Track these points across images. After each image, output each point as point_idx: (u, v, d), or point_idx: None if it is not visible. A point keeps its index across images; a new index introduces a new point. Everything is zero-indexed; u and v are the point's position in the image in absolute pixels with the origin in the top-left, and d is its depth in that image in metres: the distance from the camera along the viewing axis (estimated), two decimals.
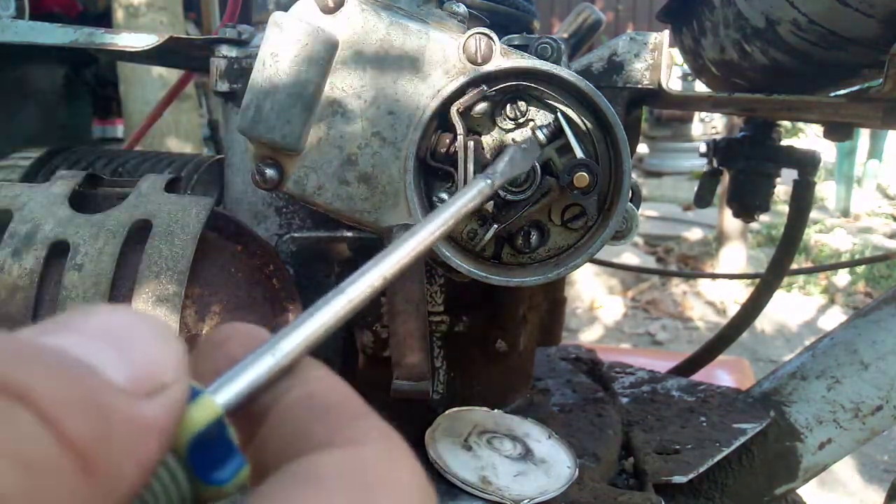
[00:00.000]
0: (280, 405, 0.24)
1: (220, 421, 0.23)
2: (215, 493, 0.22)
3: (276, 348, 0.25)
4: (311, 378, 0.25)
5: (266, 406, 0.25)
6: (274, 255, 0.68)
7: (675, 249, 5.14)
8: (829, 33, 0.66)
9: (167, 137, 3.22)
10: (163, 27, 3.15)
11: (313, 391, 0.25)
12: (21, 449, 0.16)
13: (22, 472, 0.16)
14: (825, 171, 6.74)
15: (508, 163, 0.52)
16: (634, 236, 0.59)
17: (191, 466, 0.22)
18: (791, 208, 1.12)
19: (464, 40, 0.55)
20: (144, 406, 0.20)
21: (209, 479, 0.22)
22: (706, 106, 1.21)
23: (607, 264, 1.69)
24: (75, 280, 0.57)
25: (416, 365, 0.58)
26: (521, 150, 0.54)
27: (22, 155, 0.82)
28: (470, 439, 0.73)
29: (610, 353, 1.31)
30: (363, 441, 0.22)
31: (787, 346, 3.80)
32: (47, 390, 0.17)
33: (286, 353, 0.25)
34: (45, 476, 0.17)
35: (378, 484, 0.21)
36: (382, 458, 0.22)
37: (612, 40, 0.66)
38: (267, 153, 0.57)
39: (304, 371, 0.26)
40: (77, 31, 0.72)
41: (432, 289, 0.76)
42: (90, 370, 0.19)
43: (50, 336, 0.20)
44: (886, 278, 4.66)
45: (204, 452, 0.22)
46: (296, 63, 0.55)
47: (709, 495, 0.82)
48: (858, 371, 0.83)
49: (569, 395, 0.94)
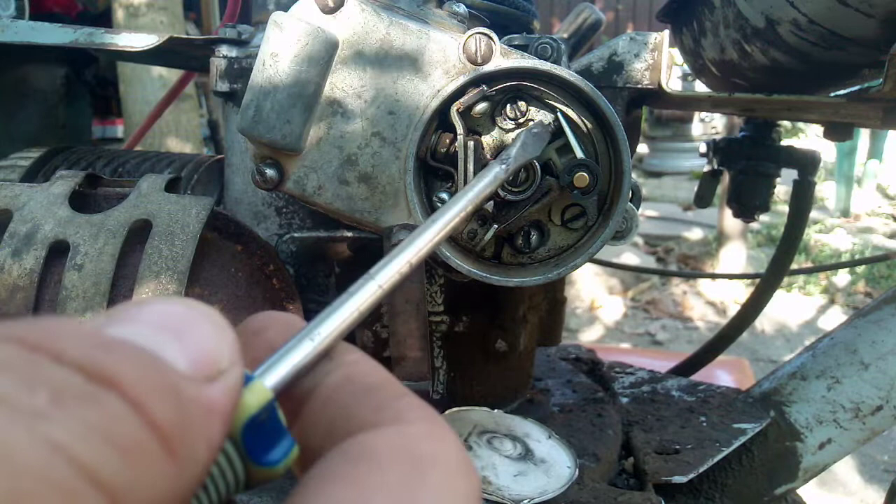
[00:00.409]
0: (322, 388, 0.26)
1: (270, 404, 0.24)
2: (267, 474, 0.23)
3: (314, 333, 0.26)
4: (348, 361, 0.27)
5: (307, 389, 0.26)
6: (274, 255, 0.68)
7: (675, 249, 5.14)
8: (829, 33, 0.66)
9: (167, 137, 3.22)
10: (163, 27, 3.15)
11: (352, 373, 0.26)
12: (114, 431, 0.17)
13: (115, 451, 0.17)
14: (825, 171, 6.75)
15: (521, 147, 0.52)
16: (634, 236, 0.59)
17: (244, 448, 0.23)
18: (791, 208, 1.12)
19: (464, 40, 0.55)
20: (208, 390, 0.21)
21: (262, 460, 0.23)
22: (706, 106, 1.21)
23: (607, 264, 1.69)
24: (75, 280, 0.57)
25: (416, 365, 0.58)
26: (532, 135, 0.54)
27: (22, 155, 0.82)
28: (470, 439, 0.73)
29: (610, 353, 1.31)
30: (408, 420, 0.24)
31: (787, 346, 3.80)
32: (133, 377, 0.18)
33: (324, 337, 0.26)
34: (136, 456, 0.18)
35: (427, 459, 0.22)
36: (428, 435, 0.23)
37: (612, 40, 0.66)
38: (267, 153, 0.57)
39: (341, 355, 0.27)
40: (77, 31, 0.72)
41: (432, 289, 0.76)
42: (159, 358, 0.20)
43: (115, 327, 0.21)
44: (886, 278, 4.66)
45: (256, 435, 0.23)
46: (296, 63, 0.55)
47: (709, 495, 0.82)
48: (858, 371, 0.83)
49: (569, 395, 0.94)
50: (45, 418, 0.16)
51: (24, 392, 0.17)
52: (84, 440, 0.17)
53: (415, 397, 0.25)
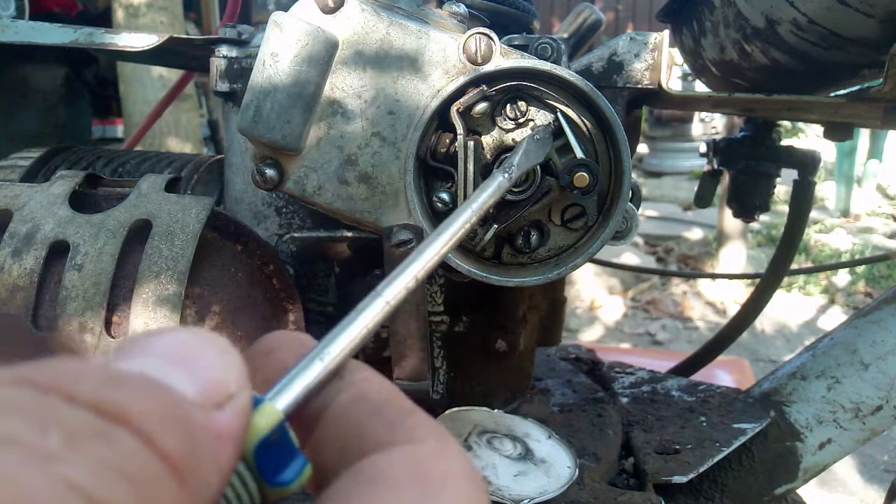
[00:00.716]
0: (333, 407, 0.26)
1: (281, 426, 0.24)
2: (281, 493, 0.24)
3: (324, 353, 0.26)
4: (358, 379, 0.27)
5: (319, 408, 0.26)
6: (274, 255, 0.68)
7: (675, 249, 5.14)
8: (829, 33, 0.66)
9: (167, 137, 3.22)
10: (163, 27, 3.15)
11: (363, 392, 0.26)
12: (126, 465, 0.18)
13: (128, 485, 0.18)
14: (825, 171, 6.74)
15: (524, 154, 0.52)
16: (634, 236, 0.59)
17: (257, 469, 0.23)
18: (791, 208, 1.12)
19: (464, 40, 0.55)
20: (217, 416, 0.21)
21: (275, 480, 0.23)
22: (706, 106, 1.21)
23: (607, 264, 1.69)
24: (75, 280, 0.57)
25: (416, 365, 0.58)
26: (534, 141, 0.54)
27: (22, 155, 0.82)
28: (470, 439, 0.73)
29: (610, 353, 1.31)
30: (419, 438, 0.24)
31: (787, 346, 3.80)
32: (141, 412, 0.19)
33: (334, 357, 0.27)
34: (149, 487, 0.18)
35: (439, 479, 0.23)
36: (439, 454, 0.24)
37: (612, 40, 0.66)
38: (267, 153, 0.57)
39: (352, 373, 0.27)
40: (77, 31, 0.72)
41: (432, 289, 0.76)
42: (168, 389, 0.21)
43: (124, 361, 0.22)
44: (886, 278, 4.66)
45: (269, 456, 0.23)
46: (296, 63, 0.55)
47: (709, 495, 0.82)
48: (858, 371, 0.83)
49: (569, 395, 0.94)
50: (59, 459, 0.17)
51: (37, 434, 0.17)
52: (98, 477, 0.17)
53: (423, 414, 0.26)
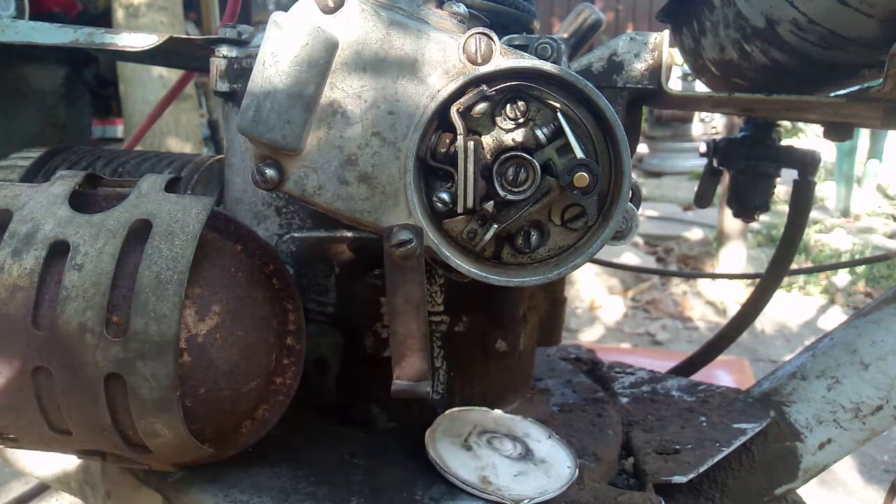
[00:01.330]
0: None
1: None
2: None
3: None
4: None
5: None
6: (274, 255, 0.68)
7: (675, 249, 5.14)
8: (829, 33, 0.66)
9: (167, 137, 3.22)
10: (163, 27, 3.15)
11: None
12: None
13: None
14: (825, 171, 6.75)
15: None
16: (634, 236, 0.59)
17: None
18: (791, 208, 1.12)
19: (464, 40, 0.55)
20: None
21: None
22: (706, 106, 1.20)
23: (607, 264, 1.69)
24: (75, 280, 0.57)
25: (416, 365, 0.58)
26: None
27: (22, 155, 0.82)
28: (470, 439, 0.73)
29: (610, 353, 1.32)
30: None
31: (787, 346, 3.80)
32: None
33: None
34: None
35: None
36: None
37: (612, 40, 0.66)
38: (267, 153, 0.57)
39: None
40: (77, 31, 0.72)
41: (432, 289, 0.76)
42: None
43: None
44: (886, 278, 4.66)
45: None
46: (296, 63, 0.55)
47: (709, 495, 0.82)
48: (858, 371, 0.83)
49: (569, 395, 0.94)
50: None
51: None
52: None
53: None
